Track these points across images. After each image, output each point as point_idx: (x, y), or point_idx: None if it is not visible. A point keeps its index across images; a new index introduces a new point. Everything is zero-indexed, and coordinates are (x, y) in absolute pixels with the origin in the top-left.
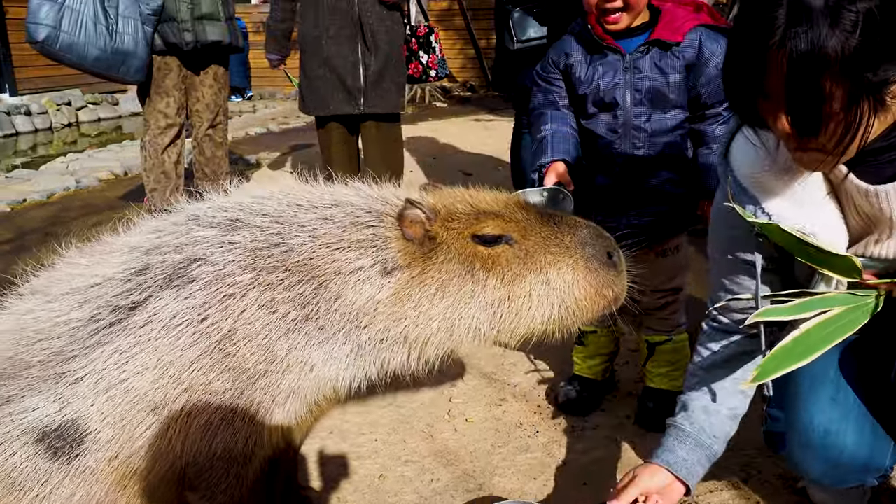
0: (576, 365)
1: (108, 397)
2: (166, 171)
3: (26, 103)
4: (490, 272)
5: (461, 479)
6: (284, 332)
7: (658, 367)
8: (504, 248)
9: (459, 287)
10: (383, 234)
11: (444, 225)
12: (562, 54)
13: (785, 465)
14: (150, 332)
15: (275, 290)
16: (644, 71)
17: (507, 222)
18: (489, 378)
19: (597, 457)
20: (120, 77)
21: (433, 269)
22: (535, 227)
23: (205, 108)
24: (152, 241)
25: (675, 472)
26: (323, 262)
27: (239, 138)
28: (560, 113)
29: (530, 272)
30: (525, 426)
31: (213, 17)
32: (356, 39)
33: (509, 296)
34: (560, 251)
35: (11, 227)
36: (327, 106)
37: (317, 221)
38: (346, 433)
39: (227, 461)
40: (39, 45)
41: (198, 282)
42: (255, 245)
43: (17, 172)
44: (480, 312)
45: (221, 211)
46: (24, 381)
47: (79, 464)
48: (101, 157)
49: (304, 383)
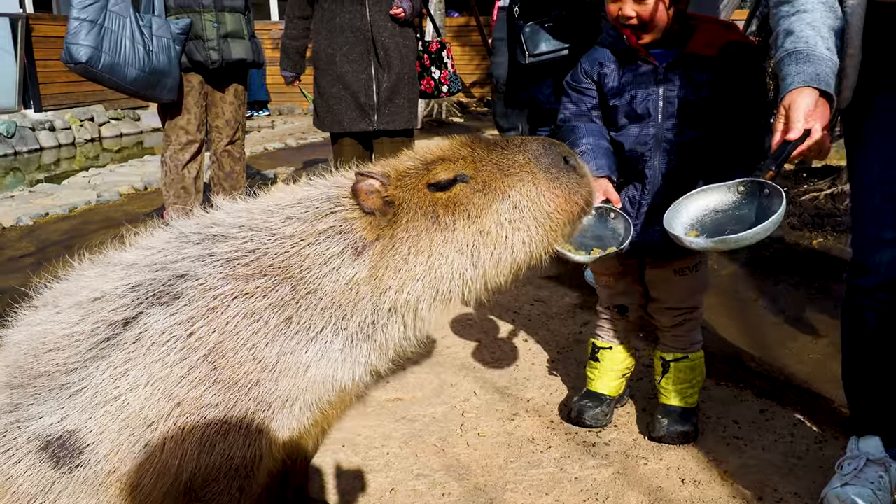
0: (589, 380)
1: (105, 412)
2: (186, 187)
3: (50, 119)
4: (455, 214)
5: (472, 493)
6: (270, 339)
7: (672, 384)
8: (461, 186)
9: (430, 238)
10: (345, 217)
11: (398, 185)
12: (595, 63)
13: (802, 482)
14: (141, 349)
15: (254, 297)
16: (677, 84)
17: (455, 161)
18: (502, 392)
19: (610, 473)
20: (155, 96)
21: (400, 230)
22: (485, 157)
23: (225, 124)
24: (145, 258)
25: (818, 85)
26: (296, 260)
27: (257, 153)
28: (595, 126)
29: (493, 201)
30: (538, 441)
31: (238, 34)
32: (369, 56)
33: (480, 231)
34: (516, 171)
35: (34, 240)
36: (341, 122)
37: (284, 221)
38: (358, 446)
39: (229, 474)
40: (82, 66)
41: (183, 297)
42: (231, 255)
43: (39, 187)
44: (458, 257)
45: (206, 227)
46: (31, 389)
47: (79, 474)
48: (122, 172)
49: (301, 387)
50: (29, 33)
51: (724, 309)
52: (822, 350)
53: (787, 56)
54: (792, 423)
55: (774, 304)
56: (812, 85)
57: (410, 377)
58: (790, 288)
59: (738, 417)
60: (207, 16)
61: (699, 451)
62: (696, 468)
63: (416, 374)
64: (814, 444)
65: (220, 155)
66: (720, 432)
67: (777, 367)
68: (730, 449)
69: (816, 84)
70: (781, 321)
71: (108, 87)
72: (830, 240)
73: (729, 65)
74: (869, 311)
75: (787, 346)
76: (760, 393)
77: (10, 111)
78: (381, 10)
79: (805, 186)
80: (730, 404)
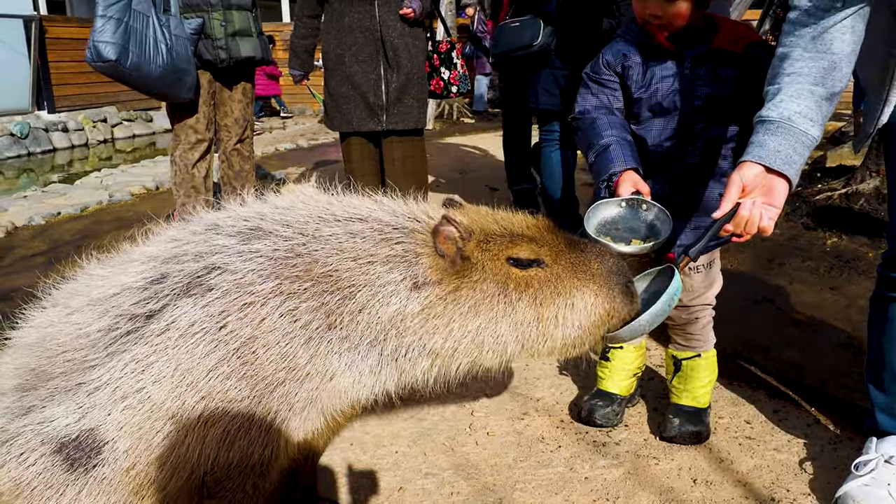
0: (600, 380)
1: (126, 406)
2: (196, 186)
3: (63, 120)
4: (523, 293)
5: (481, 492)
6: (306, 341)
7: (684, 384)
8: (536, 270)
9: (493, 306)
10: (413, 250)
11: (479, 246)
12: (619, 55)
13: (815, 483)
14: (167, 341)
15: (298, 298)
16: (704, 78)
17: (540, 246)
18: (512, 392)
19: (620, 473)
20: (177, 94)
21: (467, 286)
22: (565, 252)
23: (233, 122)
24: (170, 250)
25: (768, 164)
26: (350, 275)
27: (268, 154)
28: (617, 119)
29: (559, 295)
30: (547, 440)
31: (246, 32)
32: (378, 57)
33: (538, 317)
34: (587, 277)
35: (46, 240)
36: (350, 122)
37: (343, 236)
38: (367, 445)
39: (245, 471)
40: (111, 64)
41: (217, 290)
42: (278, 254)
43: (52, 187)
44: (509, 332)
45: (241, 220)
46: (45, 391)
47: (96, 474)
48: (134, 173)
49: (322, 393)
50: (42, 35)
51: (738, 308)
52: (836, 350)
53: (759, 123)
54: (806, 424)
55: (788, 303)
56: (760, 162)
57: None
58: (804, 287)
59: (751, 417)
60: (215, 14)
61: (711, 451)
62: (708, 468)
63: None
64: (828, 444)
65: (230, 154)
66: (732, 432)
67: (791, 367)
68: (742, 449)
69: (768, 163)
70: (795, 321)
71: (131, 85)
72: (844, 239)
73: (753, 63)
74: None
75: (801, 346)
76: (774, 393)
77: (23, 112)
78: (390, 10)
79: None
80: (742, 404)
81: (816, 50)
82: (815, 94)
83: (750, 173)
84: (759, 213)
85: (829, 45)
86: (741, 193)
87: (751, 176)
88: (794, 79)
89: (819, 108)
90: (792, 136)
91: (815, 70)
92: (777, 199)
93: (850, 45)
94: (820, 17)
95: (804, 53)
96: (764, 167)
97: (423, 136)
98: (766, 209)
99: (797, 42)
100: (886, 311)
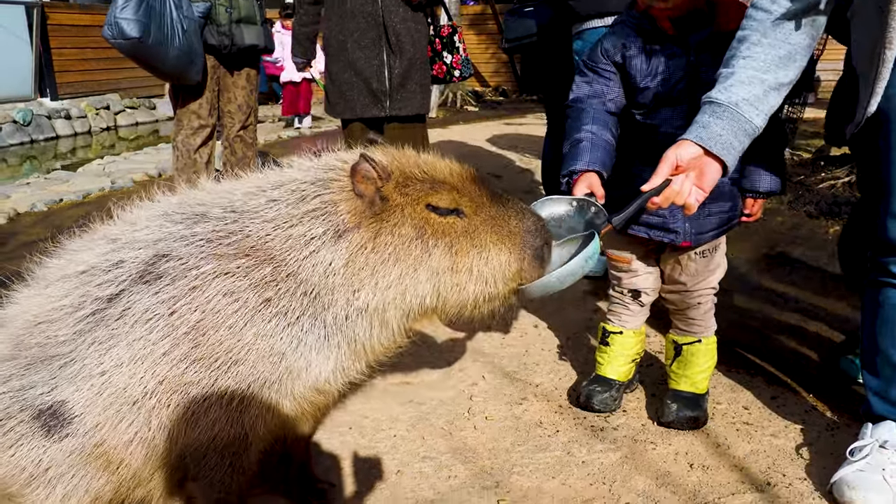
0: (599, 365)
1: (90, 385)
2: (198, 171)
3: (66, 107)
4: (439, 240)
5: (479, 475)
6: (249, 319)
7: (683, 369)
8: (455, 219)
9: (410, 251)
10: (331, 199)
11: (398, 188)
12: (618, 45)
13: (811, 468)
14: (124, 326)
15: (235, 276)
16: (708, 64)
17: (461, 196)
18: (511, 377)
19: (617, 457)
20: (188, 76)
21: (385, 231)
22: (486, 205)
23: (237, 109)
24: (128, 234)
25: (708, 146)
26: (277, 242)
27: (271, 141)
28: (604, 112)
29: (474, 247)
30: (545, 425)
31: (251, 20)
32: (380, 42)
33: (453, 267)
34: (504, 233)
35: (48, 226)
36: (353, 109)
37: (266, 205)
38: (365, 429)
39: (218, 450)
40: (133, 41)
41: (166, 277)
42: (213, 235)
43: (55, 174)
44: (427, 279)
45: (187, 206)
46: (24, 360)
47: (68, 444)
48: (136, 160)
49: (278, 372)
50: (44, 21)
51: (738, 295)
52: (835, 337)
53: (707, 104)
54: (804, 410)
55: (789, 290)
56: (700, 143)
57: (418, 361)
58: (805, 275)
59: (749, 403)
60: (222, 0)
61: (708, 436)
62: (705, 453)
63: (424, 357)
64: (825, 430)
65: (233, 140)
66: (730, 418)
67: (790, 354)
68: (739, 435)
69: (708, 146)
70: (795, 308)
71: (146, 65)
72: None
73: None
74: (892, 288)
75: (801, 333)
76: (772, 380)
77: (26, 99)
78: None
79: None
80: (740, 390)
81: (775, 37)
82: (766, 82)
83: (687, 153)
84: (690, 188)
85: (789, 34)
86: (674, 171)
87: (688, 156)
88: (749, 63)
89: (766, 98)
90: (736, 122)
91: (770, 57)
92: (707, 182)
93: (808, 38)
94: (784, 4)
95: (763, 39)
96: (703, 149)
97: (425, 123)
98: (696, 190)
99: (757, 27)
100: (878, 295)
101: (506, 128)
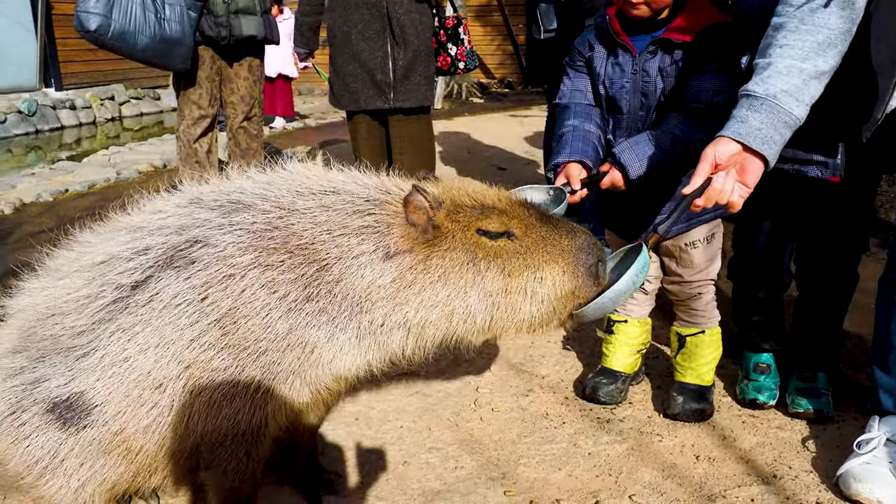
0: (605, 357)
1: (113, 373)
2: (199, 161)
3: (71, 98)
4: (491, 263)
5: (485, 466)
6: (285, 312)
7: (688, 361)
8: (506, 241)
9: (462, 275)
10: (385, 221)
11: (449, 216)
12: (585, 45)
13: (817, 461)
14: (152, 311)
15: (276, 270)
16: (651, 75)
17: (510, 219)
18: (517, 369)
19: (623, 449)
20: (168, 64)
21: (437, 255)
22: (536, 226)
23: (239, 100)
24: (154, 221)
25: (746, 142)
26: (325, 247)
27: (276, 132)
28: (585, 106)
29: (528, 268)
30: (552, 417)
31: (249, 11)
32: (385, 34)
33: (506, 288)
34: (556, 252)
35: (53, 216)
36: (358, 101)
37: (317, 209)
38: (372, 420)
39: (236, 438)
40: (91, 34)
41: (199, 263)
42: (256, 227)
43: (60, 164)
44: (478, 301)
45: (223, 194)
46: (36, 353)
47: (86, 435)
48: (141, 151)
49: (305, 364)
50: (49, 11)
51: None
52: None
53: (744, 97)
54: None
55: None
56: (738, 139)
57: None
58: None
59: None
60: None
61: (714, 428)
62: (711, 445)
63: None
64: (832, 423)
65: (236, 132)
66: (736, 410)
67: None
68: (745, 427)
69: (747, 141)
70: None
71: (118, 54)
72: None
73: (699, 51)
74: None
75: None
76: None
77: (31, 90)
78: None
79: None
80: None
81: (813, 23)
82: (805, 71)
83: (725, 150)
84: (732, 185)
85: (827, 19)
86: (713, 169)
87: (726, 153)
88: (786, 51)
89: (806, 87)
90: (775, 114)
91: (808, 44)
92: (751, 178)
93: (847, 22)
94: None
95: (800, 25)
96: (742, 145)
97: (430, 114)
98: (739, 187)
99: (794, 13)
100: (892, 293)
101: (511, 119)
